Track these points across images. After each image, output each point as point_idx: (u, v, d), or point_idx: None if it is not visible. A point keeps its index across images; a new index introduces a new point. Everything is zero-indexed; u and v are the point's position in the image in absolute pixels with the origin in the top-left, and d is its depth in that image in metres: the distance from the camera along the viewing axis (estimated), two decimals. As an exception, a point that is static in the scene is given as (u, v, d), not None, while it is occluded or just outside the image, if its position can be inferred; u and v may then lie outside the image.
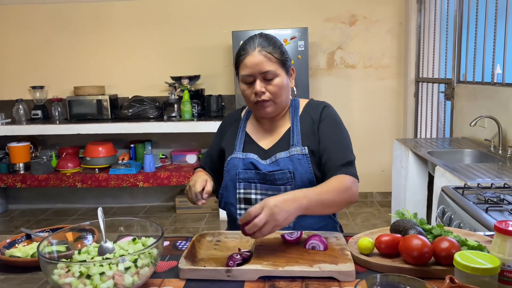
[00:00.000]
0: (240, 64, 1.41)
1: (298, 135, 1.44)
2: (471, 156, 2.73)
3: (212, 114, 4.17)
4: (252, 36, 1.43)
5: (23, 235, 1.28)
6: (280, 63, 1.39)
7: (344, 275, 0.99)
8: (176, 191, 4.56)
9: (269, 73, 1.37)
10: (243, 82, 1.42)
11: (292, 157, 1.39)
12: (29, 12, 4.41)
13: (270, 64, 1.37)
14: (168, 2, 4.34)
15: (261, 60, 1.36)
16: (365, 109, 4.36)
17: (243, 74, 1.40)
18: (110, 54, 4.45)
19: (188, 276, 1.02)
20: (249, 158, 1.44)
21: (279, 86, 1.39)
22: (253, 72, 1.37)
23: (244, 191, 1.43)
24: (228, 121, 1.62)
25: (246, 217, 1.09)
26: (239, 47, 1.44)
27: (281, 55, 1.40)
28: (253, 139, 1.51)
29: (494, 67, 2.81)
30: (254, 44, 1.38)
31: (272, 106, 1.42)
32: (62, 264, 0.90)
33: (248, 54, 1.38)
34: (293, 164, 1.38)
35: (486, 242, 1.12)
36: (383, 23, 4.28)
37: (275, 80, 1.38)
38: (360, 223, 3.86)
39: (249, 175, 1.42)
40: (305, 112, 1.49)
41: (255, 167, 1.42)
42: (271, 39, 1.42)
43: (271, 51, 1.37)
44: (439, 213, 1.92)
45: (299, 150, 1.40)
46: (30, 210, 4.60)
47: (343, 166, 1.35)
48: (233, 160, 1.45)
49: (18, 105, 4.35)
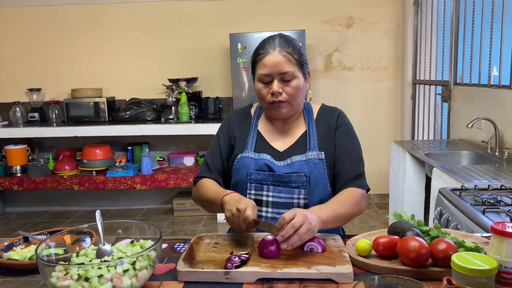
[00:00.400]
0: (258, 62, 1.39)
1: (314, 139, 1.44)
2: (468, 158, 2.74)
3: (209, 117, 4.17)
4: (272, 36, 1.42)
5: (21, 238, 1.28)
6: (298, 65, 1.39)
7: (342, 277, 0.99)
8: (174, 193, 4.55)
9: (288, 74, 1.36)
10: (260, 81, 1.40)
11: (309, 161, 1.39)
12: (26, 15, 4.40)
13: (289, 65, 1.36)
14: (166, 5, 4.35)
15: (280, 60, 1.35)
16: (363, 111, 4.37)
17: (261, 73, 1.38)
18: (108, 57, 4.44)
19: (186, 278, 1.02)
20: (263, 159, 1.42)
21: (297, 88, 1.38)
22: (272, 72, 1.36)
23: (256, 192, 1.41)
24: (236, 118, 1.57)
25: (281, 222, 1.10)
26: (258, 45, 1.42)
27: (300, 57, 1.39)
28: (266, 139, 1.49)
29: (491, 69, 2.82)
30: (274, 44, 1.37)
31: (287, 107, 1.41)
32: (60, 267, 0.90)
33: (268, 53, 1.36)
34: (309, 168, 1.38)
35: (483, 243, 1.13)
36: (380, 25, 4.30)
37: (293, 82, 1.37)
38: (357, 225, 3.86)
39: (262, 176, 1.40)
40: (321, 117, 1.50)
41: (269, 168, 1.40)
42: (291, 40, 1.41)
43: (291, 52, 1.36)
44: (437, 215, 1.93)
45: (316, 154, 1.40)
46: (27, 212, 4.59)
47: (355, 179, 1.39)
48: (244, 160, 1.43)
49: (15, 108, 4.34)
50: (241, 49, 3.89)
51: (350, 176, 1.39)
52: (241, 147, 1.48)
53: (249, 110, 1.58)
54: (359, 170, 1.41)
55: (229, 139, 1.53)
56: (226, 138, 1.53)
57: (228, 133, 1.54)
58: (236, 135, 1.52)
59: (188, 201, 4.28)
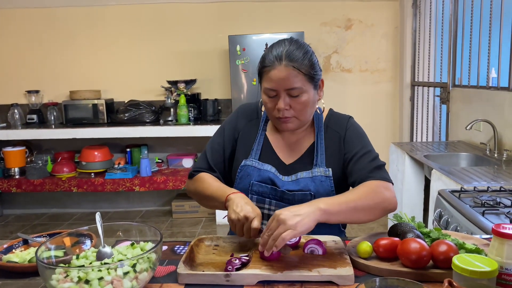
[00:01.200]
0: (263, 75, 1.29)
1: (322, 154, 1.36)
2: (467, 160, 2.75)
3: (208, 118, 4.17)
4: (280, 42, 1.30)
5: (20, 240, 1.27)
6: (308, 78, 1.27)
7: (343, 279, 0.99)
8: (173, 195, 4.55)
9: (295, 91, 1.25)
10: (266, 94, 1.30)
11: (315, 178, 1.32)
12: (25, 17, 4.39)
13: (296, 80, 1.24)
14: (164, 6, 4.35)
15: (287, 76, 1.24)
16: (361, 113, 4.37)
17: (266, 87, 1.28)
18: (106, 58, 4.44)
19: (187, 281, 1.01)
20: (267, 170, 1.35)
21: (305, 104, 1.28)
22: (278, 88, 1.26)
23: (257, 204, 1.34)
24: (245, 116, 1.47)
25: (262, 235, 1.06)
26: (264, 53, 1.31)
27: (309, 69, 1.27)
28: (273, 148, 1.41)
29: (489, 71, 2.83)
30: (281, 56, 1.24)
31: (294, 122, 1.32)
32: (61, 269, 0.89)
33: (274, 67, 1.25)
34: (315, 185, 1.31)
35: (484, 245, 1.13)
36: (379, 28, 4.31)
37: (301, 97, 1.27)
38: (356, 227, 3.86)
39: (264, 189, 1.34)
40: (328, 126, 1.41)
41: (273, 182, 1.34)
42: (301, 49, 1.27)
43: (298, 65, 1.24)
44: (436, 217, 1.93)
45: (323, 171, 1.33)
46: (25, 215, 4.58)
47: (371, 172, 1.28)
48: (247, 169, 1.36)
49: (14, 110, 4.32)
50: (240, 51, 3.90)
51: (365, 171, 1.28)
52: (245, 151, 1.42)
53: (259, 109, 1.48)
54: (375, 164, 1.30)
55: (234, 138, 1.45)
56: (231, 137, 1.45)
57: (234, 131, 1.45)
58: (241, 135, 1.44)
59: (187, 203, 4.27)
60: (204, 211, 4.26)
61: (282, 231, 1.02)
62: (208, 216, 4.26)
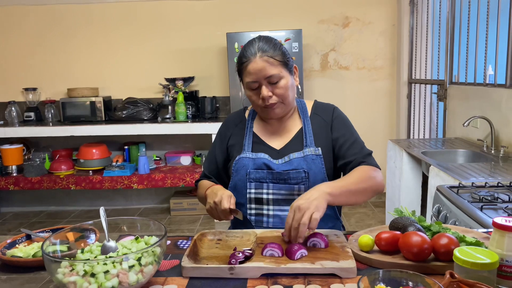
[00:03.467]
0: (243, 71, 1.41)
1: (310, 136, 1.47)
2: (464, 156, 2.77)
3: (206, 116, 4.17)
4: (251, 41, 1.42)
5: (23, 236, 1.28)
6: (282, 64, 1.39)
7: (346, 271, 1.01)
8: (171, 192, 4.55)
9: (274, 77, 1.37)
10: (249, 88, 1.41)
11: (306, 157, 1.42)
12: (22, 14, 4.38)
13: (273, 68, 1.36)
14: (162, 4, 4.34)
15: (263, 66, 1.36)
16: (359, 110, 4.39)
17: (248, 81, 1.39)
18: (104, 56, 4.43)
19: (191, 274, 1.03)
20: (260, 158, 1.44)
21: (285, 88, 1.39)
22: (258, 78, 1.37)
23: (256, 190, 1.44)
24: (232, 122, 1.60)
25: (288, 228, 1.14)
26: (240, 53, 1.43)
27: (282, 57, 1.39)
28: (262, 139, 1.51)
29: (486, 68, 2.85)
30: (254, 50, 1.37)
31: (280, 107, 1.43)
32: (66, 263, 0.90)
33: (250, 61, 1.37)
34: (307, 164, 1.41)
35: (483, 238, 1.14)
36: (376, 25, 4.32)
37: (280, 83, 1.38)
38: (354, 224, 3.88)
39: (261, 174, 1.43)
40: (315, 114, 1.53)
41: (268, 167, 1.42)
42: (270, 42, 1.41)
43: (272, 54, 1.37)
44: (435, 212, 1.95)
45: (313, 150, 1.43)
46: (23, 212, 4.57)
47: (363, 159, 1.41)
48: (242, 160, 1.45)
49: (11, 107, 4.31)
50: (238, 48, 3.90)
51: (358, 158, 1.42)
52: (238, 150, 1.51)
53: (243, 114, 1.61)
54: (365, 152, 1.44)
55: (224, 145, 1.56)
56: (221, 145, 1.57)
57: (224, 139, 1.57)
58: (232, 140, 1.55)
59: (185, 200, 4.28)
60: (202, 208, 4.26)
61: (309, 216, 1.11)
62: (206, 213, 4.26)
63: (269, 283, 0.99)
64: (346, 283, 0.98)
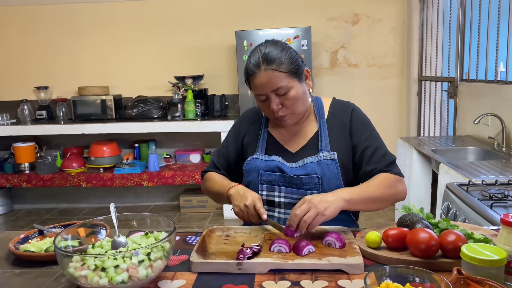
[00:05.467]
0: (250, 83, 1.35)
1: (326, 139, 1.40)
2: (474, 154, 2.75)
3: (215, 114, 4.19)
4: (255, 50, 1.34)
5: (36, 231, 1.31)
6: (290, 73, 1.31)
7: (353, 267, 1.01)
8: (180, 190, 4.58)
9: (281, 89, 1.30)
10: (257, 100, 1.37)
11: (321, 162, 1.36)
12: (34, 13, 4.43)
13: (279, 80, 1.29)
14: (172, 2, 4.37)
15: (269, 79, 1.29)
16: (368, 107, 4.31)
17: (255, 93, 1.35)
18: (114, 54, 4.47)
19: (199, 269, 1.04)
20: (274, 160, 1.40)
21: (295, 98, 1.32)
22: (264, 92, 1.31)
23: (267, 193, 1.41)
24: (247, 120, 1.55)
25: (292, 216, 1.15)
26: (246, 63, 1.35)
27: (290, 65, 1.30)
28: (277, 140, 1.46)
29: (497, 65, 2.82)
30: (258, 63, 1.29)
31: (291, 117, 1.37)
32: (77, 257, 0.92)
33: (255, 74, 1.30)
34: (321, 169, 1.35)
35: (492, 235, 1.14)
36: (386, 22, 4.30)
37: (289, 94, 1.31)
38: (363, 221, 3.87)
39: (273, 177, 1.39)
40: (332, 114, 1.45)
41: (281, 170, 1.38)
42: (276, 49, 1.31)
43: (276, 67, 1.28)
44: (444, 210, 1.94)
45: (328, 155, 1.37)
46: (35, 209, 4.63)
47: (387, 166, 1.36)
48: (254, 161, 1.42)
49: (23, 106, 4.38)
50: (247, 46, 3.91)
51: (381, 166, 1.35)
52: (252, 150, 1.47)
53: (259, 111, 1.54)
54: (388, 159, 1.37)
55: (238, 142, 1.53)
56: (235, 141, 1.53)
57: (238, 135, 1.54)
58: (247, 138, 1.51)
59: (195, 197, 4.30)
60: (212, 205, 4.29)
61: (313, 215, 1.13)
62: (215, 210, 4.29)
63: (276, 279, 1.00)
64: (353, 279, 0.99)
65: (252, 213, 1.25)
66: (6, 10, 4.44)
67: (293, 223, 1.15)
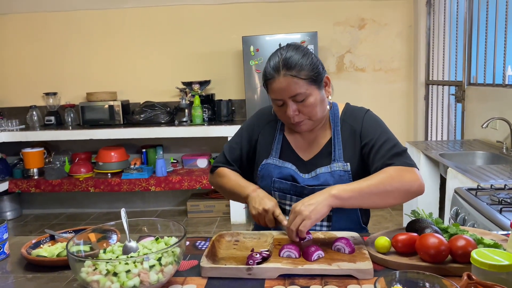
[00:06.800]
0: (268, 87, 1.32)
1: (340, 149, 1.37)
2: (483, 158, 2.73)
3: (222, 119, 4.20)
4: (276, 53, 1.31)
5: (47, 236, 1.32)
6: (310, 80, 1.28)
7: (363, 273, 1.01)
8: (188, 195, 4.59)
9: (299, 96, 1.27)
10: (274, 104, 1.34)
11: (334, 172, 1.34)
12: (42, 20, 4.49)
13: (298, 87, 1.26)
14: (179, 9, 4.40)
15: (288, 85, 1.26)
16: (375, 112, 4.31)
17: (272, 98, 1.32)
18: (122, 60, 4.51)
19: (210, 274, 1.05)
20: (287, 168, 1.39)
21: (312, 106, 1.30)
22: (282, 97, 1.29)
23: (279, 200, 1.40)
24: (264, 118, 1.51)
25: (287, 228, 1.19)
26: (265, 65, 1.32)
27: (310, 72, 1.27)
28: (291, 146, 1.44)
29: (505, 68, 2.81)
30: (278, 67, 1.26)
31: (307, 124, 1.35)
32: (89, 262, 0.93)
33: (274, 78, 1.27)
34: (334, 180, 1.33)
35: (502, 240, 1.14)
36: (392, 27, 4.30)
37: (307, 101, 1.29)
38: (371, 226, 3.84)
39: (285, 186, 1.38)
40: (344, 120, 1.42)
41: (293, 179, 1.37)
42: (297, 55, 1.28)
43: (296, 73, 1.25)
44: (453, 215, 1.93)
45: (341, 166, 1.35)
46: (43, 214, 4.66)
47: (390, 159, 1.28)
48: (268, 166, 1.41)
49: (32, 111, 4.42)
50: (253, 51, 3.93)
51: (385, 159, 1.29)
52: (265, 151, 1.46)
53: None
54: (394, 150, 1.29)
55: (252, 140, 1.50)
56: (249, 137, 1.50)
57: (252, 133, 1.51)
58: (261, 137, 1.49)
59: (202, 202, 4.31)
60: (219, 210, 4.30)
61: (299, 222, 1.15)
62: (222, 215, 4.30)
63: (286, 284, 1.00)
64: (363, 284, 0.99)
65: (270, 218, 1.29)
66: (16, 17, 4.50)
67: (288, 234, 1.20)
